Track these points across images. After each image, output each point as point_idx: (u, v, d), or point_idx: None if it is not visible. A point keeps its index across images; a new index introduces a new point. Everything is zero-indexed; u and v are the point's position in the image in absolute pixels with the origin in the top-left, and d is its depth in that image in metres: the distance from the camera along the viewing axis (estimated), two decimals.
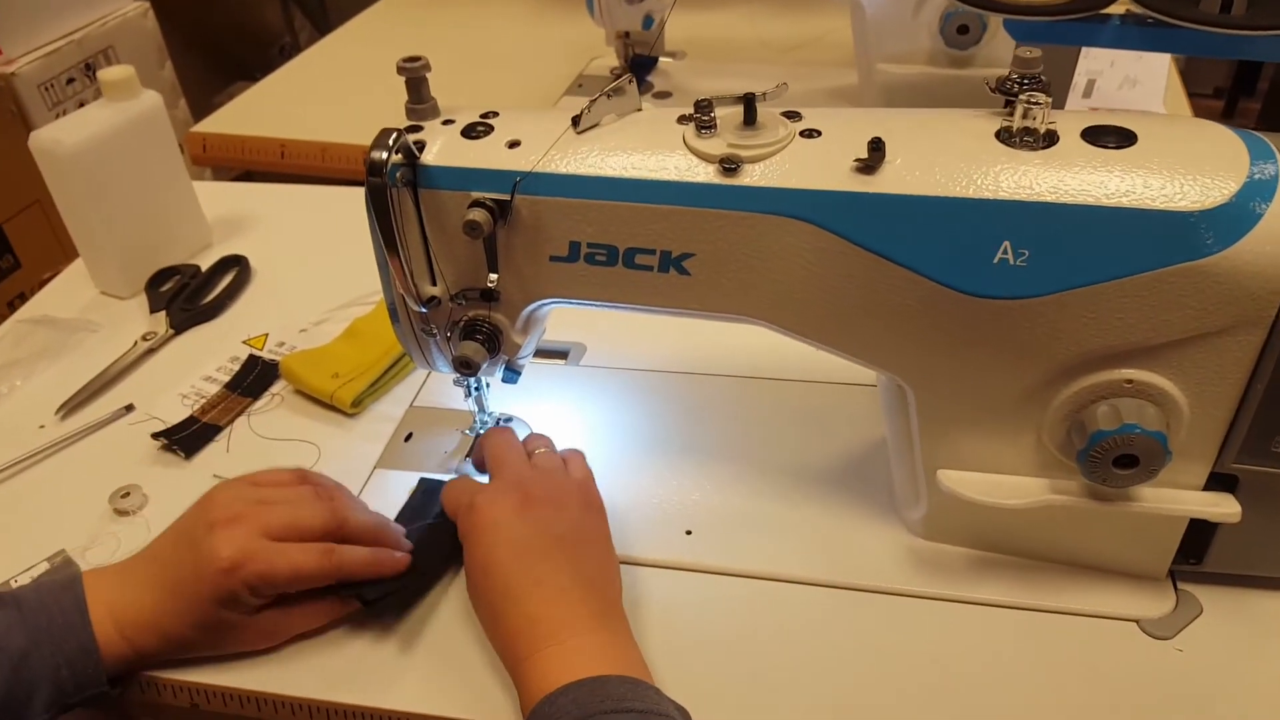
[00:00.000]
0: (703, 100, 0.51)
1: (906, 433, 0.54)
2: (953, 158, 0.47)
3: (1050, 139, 0.47)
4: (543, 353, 0.75)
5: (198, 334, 0.82)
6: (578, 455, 0.59)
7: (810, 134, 0.50)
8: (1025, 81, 0.48)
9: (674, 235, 0.50)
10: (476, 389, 0.64)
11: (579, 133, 0.52)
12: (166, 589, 0.52)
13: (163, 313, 0.82)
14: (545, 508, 0.53)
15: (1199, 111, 1.12)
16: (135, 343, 0.80)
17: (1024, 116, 0.47)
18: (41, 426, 0.73)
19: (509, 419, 0.69)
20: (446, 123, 0.54)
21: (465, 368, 0.55)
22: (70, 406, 0.74)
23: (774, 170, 0.49)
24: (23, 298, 0.91)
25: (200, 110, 1.31)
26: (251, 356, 0.77)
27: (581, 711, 0.44)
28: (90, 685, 0.50)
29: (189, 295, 0.84)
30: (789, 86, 0.53)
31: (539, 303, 0.55)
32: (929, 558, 0.57)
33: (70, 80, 1.30)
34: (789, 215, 0.48)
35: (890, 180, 0.47)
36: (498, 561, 0.51)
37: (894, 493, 0.60)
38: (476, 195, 0.51)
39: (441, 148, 0.52)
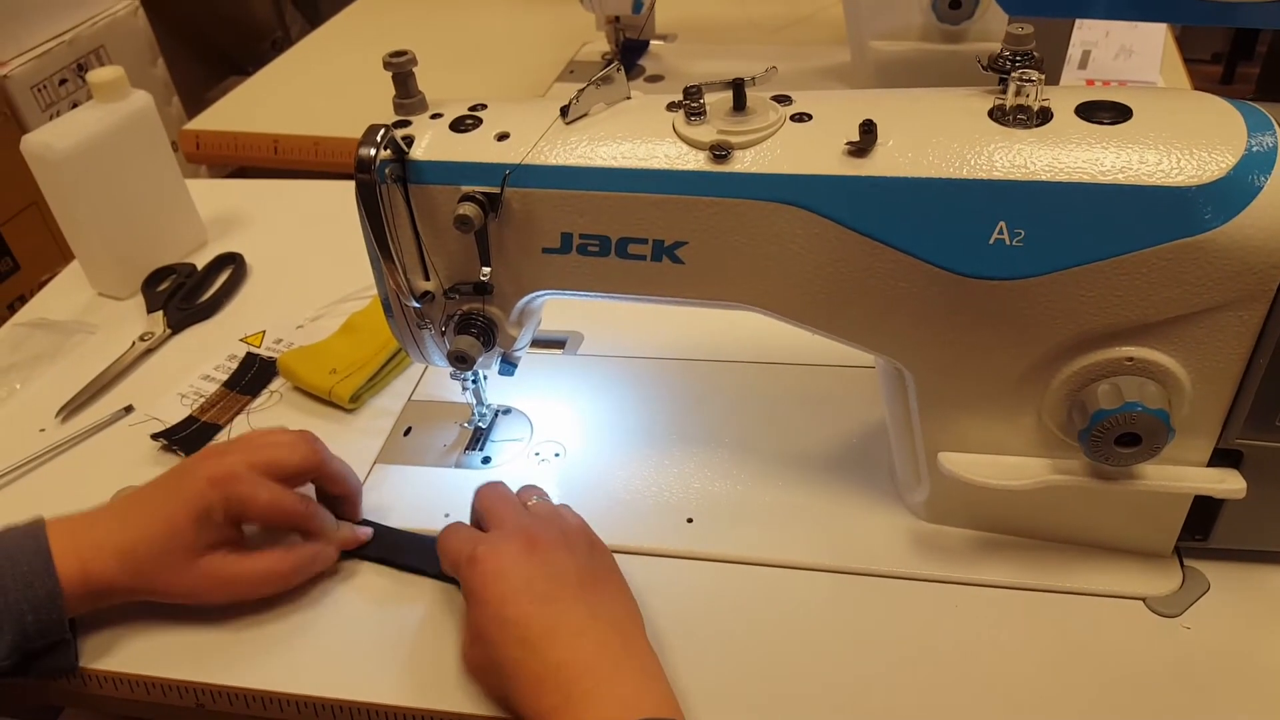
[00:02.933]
0: (692, 86, 0.50)
1: (906, 416, 0.54)
2: (946, 138, 0.46)
3: (1044, 116, 0.46)
4: (540, 342, 0.75)
5: (195, 333, 0.81)
6: (567, 507, 0.57)
7: (801, 118, 0.50)
8: (1018, 58, 0.47)
9: (666, 224, 0.50)
10: (474, 381, 0.64)
11: (568, 123, 0.51)
12: (138, 511, 0.54)
13: (160, 313, 0.82)
14: (554, 550, 0.50)
15: (1197, 78, 1.11)
16: (133, 343, 0.80)
17: (1017, 94, 0.47)
18: (42, 430, 0.73)
19: (507, 410, 0.69)
20: (435, 116, 0.53)
21: (461, 362, 0.55)
22: (70, 409, 0.74)
23: (765, 156, 0.48)
24: (22, 300, 0.91)
25: (194, 107, 1.30)
26: (249, 354, 0.77)
27: None
28: (53, 631, 0.51)
29: (185, 294, 0.84)
30: (779, 68, 0.53)
31: (533, 295, 0.55)
32: (932, 540, 0.56)
33: (63, 81, 1.30)
34: (781, 201, 0.48)
35: (882, 163, 0.46)
36: (512, 609, 0.48)
37: (895, 476, 0.60)
38: (466, 189, 0.50)
39: (430, 142, 0.52)
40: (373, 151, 0.49)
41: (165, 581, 0.54)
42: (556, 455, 0.65)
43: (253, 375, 0.75)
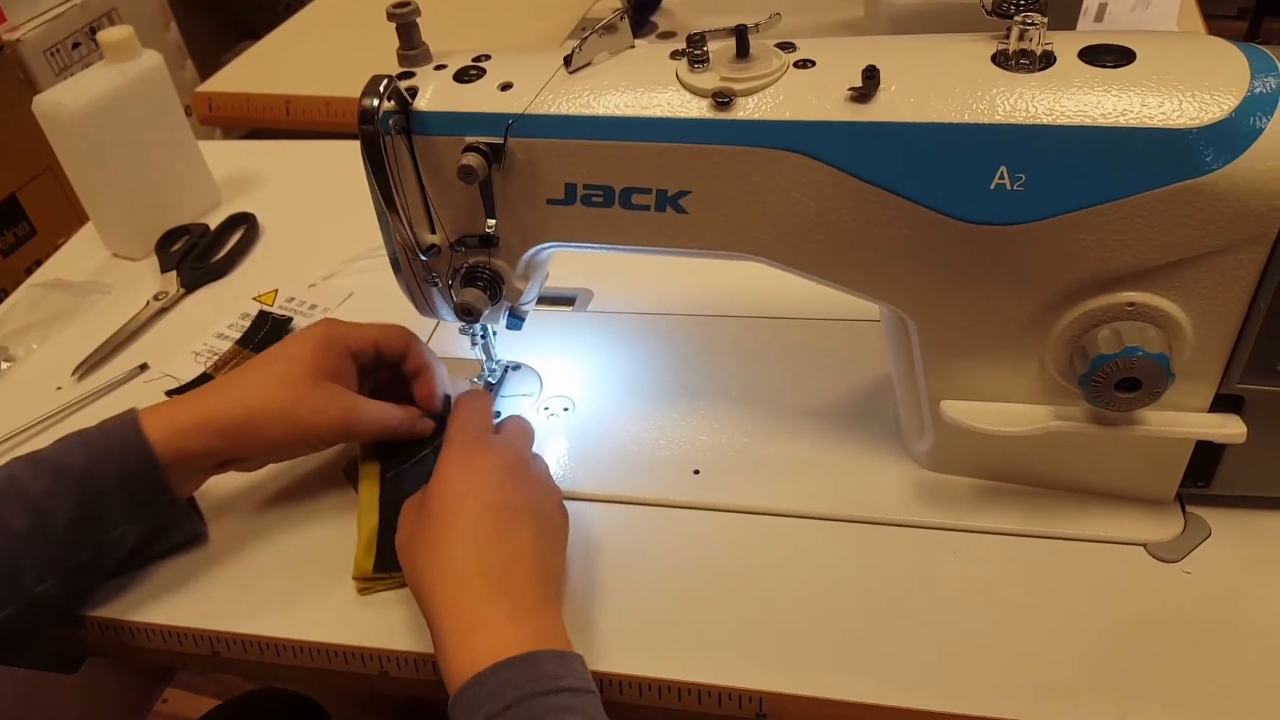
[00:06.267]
0: (695, 34, 0.50)
1: (910, 366, 0.54)
2: (948, 83, 0.46)
3: (1047, 60, 0.46)
4: (549, 299, 0.75)
5: (208, 292, 0.82)
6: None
7: (804, 64, 0.49)
8: (1022, 2, 0.47)
9: (669, 173, 0.50)
10: (483, 337, 0.64)
11: (571, 72, 0.52)
12: (238, 380, 0.56)
13: (173, 272, 0.83)
14: (536, 482, 0.53)
15: (1219, 33, 1.09)
16: (147, 303, 0.81)
17: (1020, 38, 0.46)
18: (59, 388, 0.74)
19: (517, 366, 0.69)
20: (439, 68, 0.53)
21: (467, 314, 0.56)
22: (86, 367, 0.75)
23: (767, 103, 0.48)
24: (39, 264, 0.92)
25: (208, 70, 1.30)
26: (262, 313, 0.78)
27: (516, 693, 0.43)
28: (164, 494, 0.54)
29: (199, 254, 0.85)
30: (793, 24, 0.52)
31: (538, 247, 0.55)
32: (936, 489, 0.57)
33: (75, 45, 1.30)
34: (783, 148, 0.48)
35: (884, 108, 0.46)
36: (471, 498, 0.50)
37: (900, 427, 0.60)
38: (470, 139, 0.51)
39: (434, 93, 0.52)
40: (375, 102, 0.49)
41: (282, 410, 0.55)
42: (565, 410, 0.66)
43: (265, 333, 0.76)
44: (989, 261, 0.47)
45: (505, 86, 0.52)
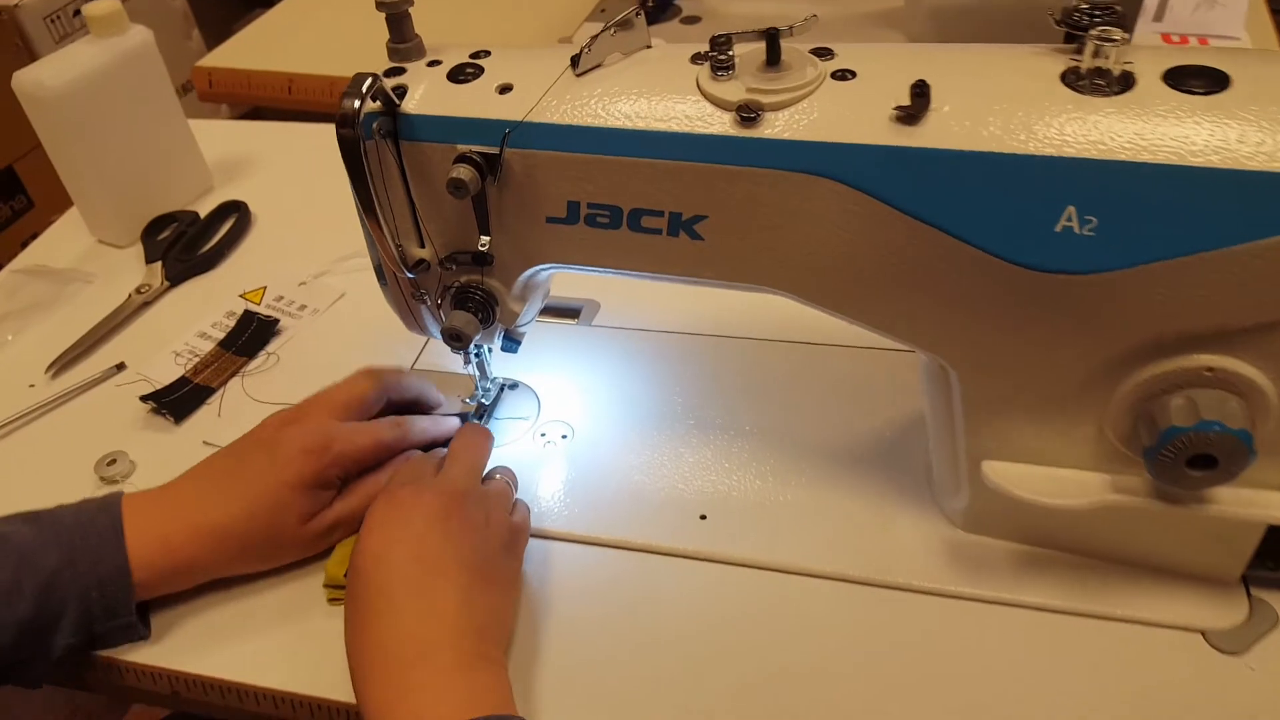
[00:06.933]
0: (720, 36, 0.44)
1: (948, 417, 0.48)
2: (1010, 105, 0.40)
3: (1125, 82, 0.40)
4: (553, 310, 0.70)
5: (194, 286, 0.78)
6: (525, 506, 0.54)
7: (843, 75, 0.43)
8: (1097, 13, 0.41)
9: (685, 195, 0.44)
10: (477, 355, 0.59)
11: (579, 75, 0.46)
12: (234, 492, 0.51)
13: (158, 264, 0.78)
14: (468, 527, 0.48)
15: None
16: (130, 295, 0.76)
17: (1095, 55, 0.40)
18: (31, 385, 0.70)
19: (514, 385, 0.64)
20: (432, 64, 0.48)
21: (455, 341, 0.50)
22: (61, 364, 0.71)
23: (800, 119, 0.42)
24: (35, 238, 0.87)
25: (216, 41, 1.24)
26: (247, 312, 0.73)
27: None
28: (120, 612, 0.49)
29: (186, 244, 0.80)
30: (823, 12, 0.46)
31: (537, 268, 0.50)
32: (969, 553, 0.51)
33: (76, 12, 1.25)
34: (816, 173, 0.42)
35: (936, 132, 0.40)
36: (393, 555, 0.46)
37: (932, 476, 0.54)
38: (462, 148, 0.45)
39: (424, 94, 0.46)
40: (357, 104, 0.43)
41: (272, 555, 0.52)
42: (564, 437, 0.60)
43: (249, 335, 0.71)
44: (1048, 313, 0.41)
45: (504, 89, 0.46)
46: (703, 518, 0.55)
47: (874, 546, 0.52)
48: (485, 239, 0.48)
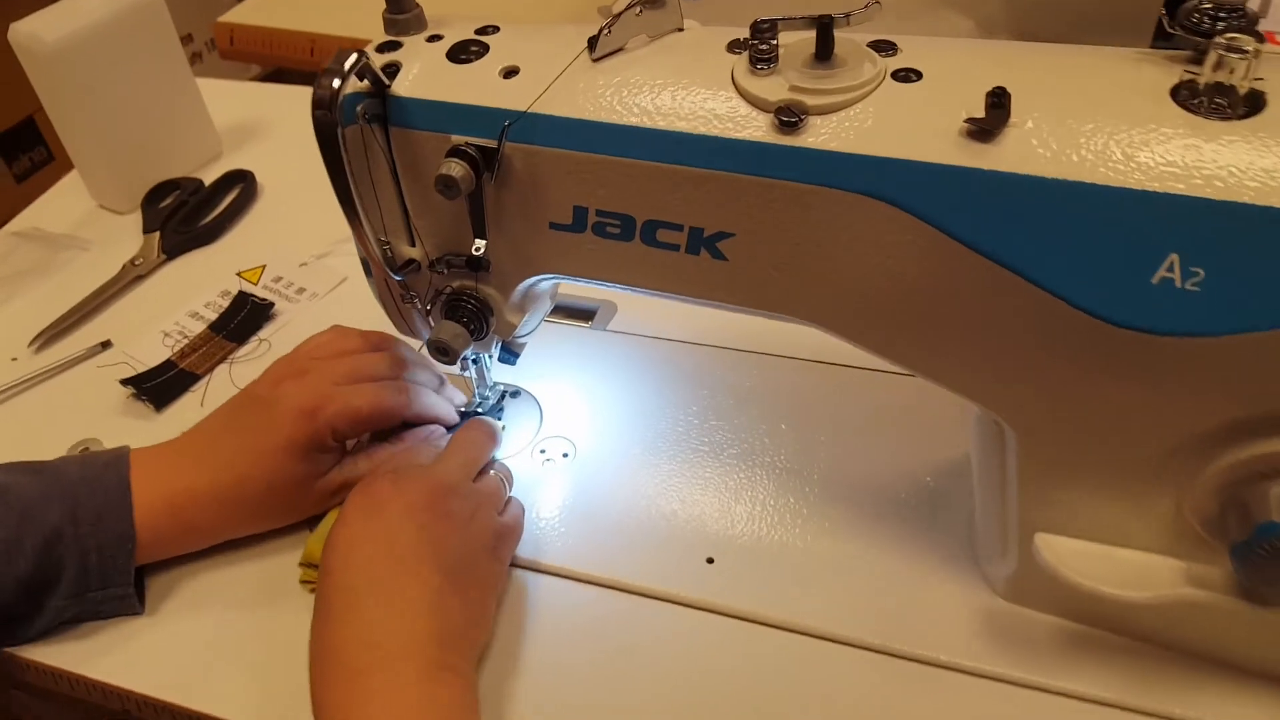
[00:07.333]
0: (763, 21, 0.38)
1: (1000, 478, 0.42)
2: (1106, 123, 0.33)
3: (1253, 103, 0.33)
4: (565, 310, 0.64)
5: (191, 260, 0.73)
6: (519, 504, 0.51)
7: (906, 76, 0.37)
8: (1223, 14, 0.34)
9: (709, 208, 0.38)
10: (474, 361, 0.54)
11: (595, 60, 0.39)
12: (230, 452, 0.48)
13: (156, 234, 0.74)
14: (449, 523, 0.44)
15: None
16: (123, 267, 0.72)
17: (1217, 67, 0.33)
18: (14, 359, 0.66)
19: (515, 393, 0.58)
20: (432, 39, 0.42)
21: (442, 355, 0.45)
22: (46, 338, 0.66)
23: (850, 127, 0.36)
24: None
25: None
26: (241, 293, 0.68)
27: None
28: (116, 580, 0.47)
29: (186, 215, 0.75)
30: (882, 4, 0.39)
31: (537, 277, 0.44)
32: (1012, 628, 0.45)
33: None
34: (866, 193, 0.35)
35: (1013, 153, 0.34)
36: (364, 547, 0.43)
37: (974, 535, 0.48)
38: (457, 139, 0.39)
39: (419, 74, 0.40)
40: (338, 83, 0.38)
41: (279, 514, 0.50)
42: (565, 455, 0.55)
43: (242, 319, 0.66)
44: (1133, 375, 0.34)
45: (510, 72, 0.40)
46: (709, 561, 0.49)
47: (901, 611, 0.46)
48: (480, 242, 0.42)
